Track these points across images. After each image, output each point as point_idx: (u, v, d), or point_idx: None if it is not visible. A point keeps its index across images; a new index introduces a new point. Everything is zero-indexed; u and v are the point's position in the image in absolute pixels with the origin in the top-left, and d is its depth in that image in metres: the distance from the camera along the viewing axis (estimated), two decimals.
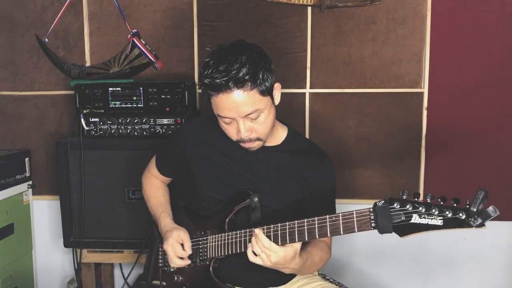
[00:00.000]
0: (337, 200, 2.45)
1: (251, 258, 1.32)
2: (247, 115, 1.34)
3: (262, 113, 1.36)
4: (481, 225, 1.04)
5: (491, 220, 1.03)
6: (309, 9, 2.31)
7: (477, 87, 2.28)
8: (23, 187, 2.45)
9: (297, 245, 1.31)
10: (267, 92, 1.35)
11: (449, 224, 1.07)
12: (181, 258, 1.49)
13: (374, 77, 2.33)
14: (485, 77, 2.27)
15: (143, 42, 2.37)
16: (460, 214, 1.05)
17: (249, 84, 1.30)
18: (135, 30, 2.38)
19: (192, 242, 1.51)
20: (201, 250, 1.50)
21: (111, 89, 2.19)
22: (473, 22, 2.25)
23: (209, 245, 1.49)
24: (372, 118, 2.35)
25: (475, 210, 1.03)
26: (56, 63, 2.45)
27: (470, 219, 1.04)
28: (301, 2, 2.28)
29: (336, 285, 1.63)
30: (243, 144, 1.43)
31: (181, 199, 1.68)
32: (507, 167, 2.32)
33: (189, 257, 1.50)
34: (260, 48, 1.39)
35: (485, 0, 2.23)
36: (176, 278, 1.56)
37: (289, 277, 1.57)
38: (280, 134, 1.54)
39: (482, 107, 2.29)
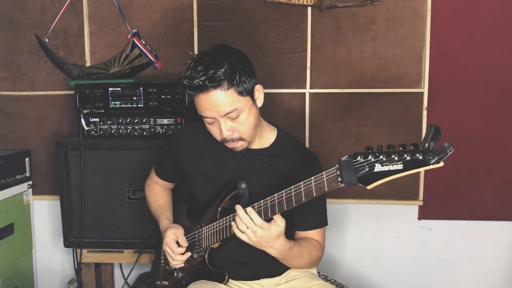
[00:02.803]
0: (338, 200, 2.45)
1: (238, 234, 1.36)
2: (226, 114, 1.37)
3: (242, 112, 1.40)
4: (438, 161, 1.07)
5: (447, 156, 1.06)
6: (309, 9, 2.30)
7: (477, 87, 2.28)
8: (23, 187, 2.45)
9: (281, 223, 1.33)
10: (246, 92, 1.39)
11: (408, 166, 1.12)
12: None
13: (374, 77, 2.32)
14: (485, 77, 2.27)
15: (143, 42, 2.36)
16: (417, 155, 1.10)
17: (226, 83, 1.34)
18: (135, 30, 2.38)
19: (188, 237, 1.57)
20: (197, 243, 1.56)
21: (111, 89, 2.19)
22: (473, 22, 2.25)
23: (203, 236, 1.54)
24: (372, 118, 2.35)
25: (426, 145, 1.07)
26: (56, 63, 2.45)
27: (426, 157, 1.08)
28: (301, 2, 2.28)
29: (337, 286, 1.63)
30: (227, 144, 1.45)
31: (182, 203, 1.72)
32: (506, 167, 2.32)
33: (188, 249, 1.56)
34: (240, 51, 1.43)
35: (485, 0, 2.23)
36: (176, 274, 1.62)
37: (282, 269, 1.58)
38: (269, 137, 1.57)
39: (482, 107, 2.29)
